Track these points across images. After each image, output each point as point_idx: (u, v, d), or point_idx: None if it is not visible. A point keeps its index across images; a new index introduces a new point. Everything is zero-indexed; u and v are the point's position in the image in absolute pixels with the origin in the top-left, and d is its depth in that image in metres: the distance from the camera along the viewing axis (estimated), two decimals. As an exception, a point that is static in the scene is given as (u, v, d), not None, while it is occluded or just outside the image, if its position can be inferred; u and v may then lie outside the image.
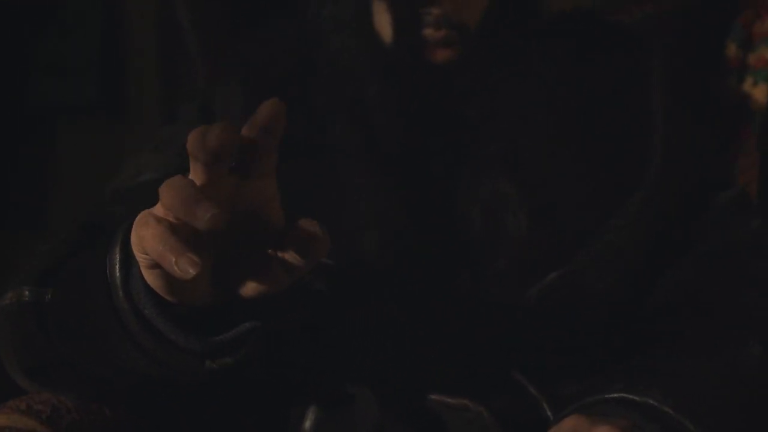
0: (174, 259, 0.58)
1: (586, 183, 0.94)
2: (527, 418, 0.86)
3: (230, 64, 1.07)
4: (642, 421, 0.78)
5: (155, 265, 0.62)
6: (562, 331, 0.91)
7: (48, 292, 0.80)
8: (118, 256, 0.67)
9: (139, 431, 0.88)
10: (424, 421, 0.85)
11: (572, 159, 0.95)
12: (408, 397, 0.86)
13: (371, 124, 0.96)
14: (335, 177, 0.95)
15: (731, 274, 0.98)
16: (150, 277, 0.64)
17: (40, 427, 0.81)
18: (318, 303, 0.86)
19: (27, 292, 0.82)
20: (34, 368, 0.86)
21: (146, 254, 0.61)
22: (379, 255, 0.90)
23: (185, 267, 0.57)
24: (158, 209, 0.62)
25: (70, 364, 0.81)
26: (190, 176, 0.61)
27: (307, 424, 0.86)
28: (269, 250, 0.63)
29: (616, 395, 0.81)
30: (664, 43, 1.05)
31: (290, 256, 0.61)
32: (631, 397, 0.80)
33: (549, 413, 0.86)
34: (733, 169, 1.16)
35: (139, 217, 0.63)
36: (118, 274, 0.67)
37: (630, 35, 1.06)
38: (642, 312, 0.96)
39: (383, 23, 0.97)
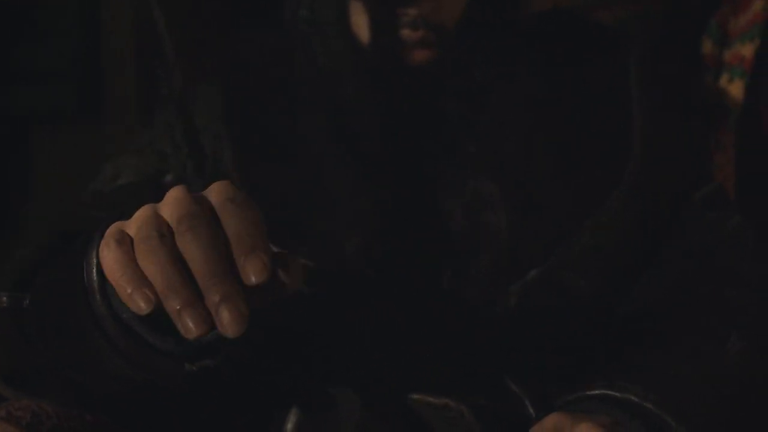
0: (129, 291, 0.58)
1: (566, 181, 0.95)
2: (510, 417, 0.86)
3: (208, 67, 1.07)
4: (624, 417, 0.79)
5: None
6: (543, 329, 0.91)
7: (26, 298, 0.80)
8: (94, 260, 0.67)
9: (120, 436, 0.88)
10: (406, 421, 0.85)
11: (553, 157, 0.95)
12: (390, 396, 0.86)
13: (352, 126, 0.96)
14: (317, 179, 0.95)
15: (710, 271, 0.98)
16: None
17: (21, 433, 0.81)
18: (300, 305, 0.86)
19: (5, 298, 0.82)
20: (13, 374, 0.85)
21: None
22: (362, 256, 0.90)
23: (138, 302, 0.58)
24: (129, 225, 0.62)
25: (50, 370, 0.80)
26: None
27: (289, 426, 0.85)
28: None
29: (597, 392, 0.81)
30: (643, 42, 1.05)
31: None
32: (612, 393, 0.81)
33: (531, 411, 0.86)
34: (711, 165, 1.16)
35: (108, 231, 0.63)
36: (95, 278, 0.66)
37: (609, 34, 1.06)
38: (623, 309, 0.96)
39: (361, 24, 0.97)
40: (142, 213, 0.62)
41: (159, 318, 0.66)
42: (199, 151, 0.99)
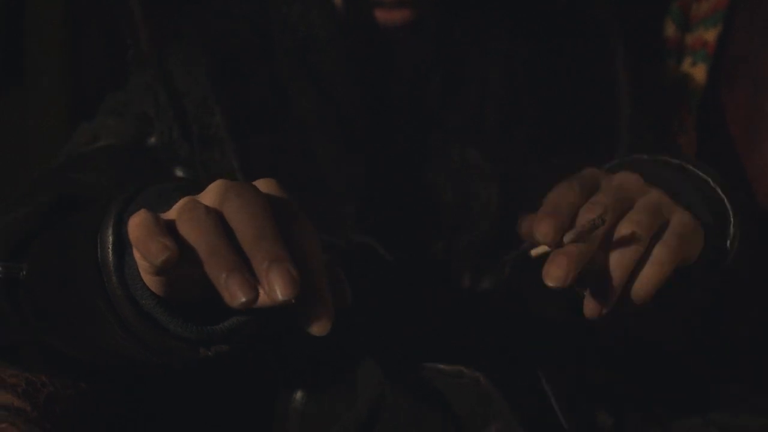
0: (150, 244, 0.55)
1: (552, 150, 0.95)
2: (523, 383, 0.85)
3: (185, 29, 1.03)
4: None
5: (159, 272, 0.58)
6: (538, 299, 0.91)
7: (23, 268, 0.74)
8: (110, 239, 0.62)
9: (116, 403, 0.84)
10: (421, 389, 0.84)
11: (537, 126, 0.96)
12: (404, 366, 0.85)
13: (334, 94, 0.95)
14: (307, 147, 0.93)
15: None
16: (152, 283, 0.60)
17: (18, 401, 0.76)
18: None
19: (0, 267, 0.75)
20: (2, 345, 0.80)
21: (145, 261, 0.57)
22: (357, 225, 0.89)
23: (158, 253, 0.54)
24: (167, 214, 0.59)
25: (46, 343, 0.76)
26: None
27: (298, 394, 0.84)
28: None
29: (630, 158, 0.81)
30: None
31: None
32: (646, 157, 0.81)
33: (540, 374, 0.86)
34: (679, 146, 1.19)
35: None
36: (111, 258, 0.62)
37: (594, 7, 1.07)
38: None
39: None
40: (182, 201, 0.58)
41: (176, 304, 0.62)
42: (185, 115, 0.96)
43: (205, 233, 0.55)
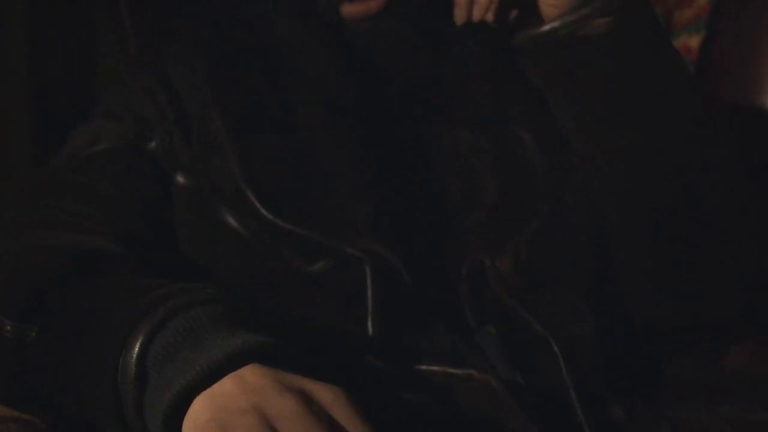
0: None
1: (541, 127, 0.95)
2: (541, 383, 0.85)
3: (182, 31, 1.03)
4: None
5: None
6: (556, 274, 0.92)
7: (32, 330, 0.74)
8: (133, 369, 0.64)
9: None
10: (431, 394, 0.83)
11: (523, 101, 0.96)
12: (413, 368, 0.85)
13: (326, 94, 0.95)
14: (309, 153, 0.93)
15: None
16: None
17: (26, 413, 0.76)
18: None
19: (8, 327, 0.75)
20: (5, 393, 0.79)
21: None
22: (371, 225, 0.88)
23: None
24: None
25: (50, 401, 0.76)
26: None
27: None
28: None
29: None
30: None
31: None
32: None
33: (556, 349, 0.86)
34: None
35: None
36: (130, 391, 0.64)
37: None
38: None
39: None
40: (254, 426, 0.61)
41: None
42: (185, 119, 0.95)
43: None
